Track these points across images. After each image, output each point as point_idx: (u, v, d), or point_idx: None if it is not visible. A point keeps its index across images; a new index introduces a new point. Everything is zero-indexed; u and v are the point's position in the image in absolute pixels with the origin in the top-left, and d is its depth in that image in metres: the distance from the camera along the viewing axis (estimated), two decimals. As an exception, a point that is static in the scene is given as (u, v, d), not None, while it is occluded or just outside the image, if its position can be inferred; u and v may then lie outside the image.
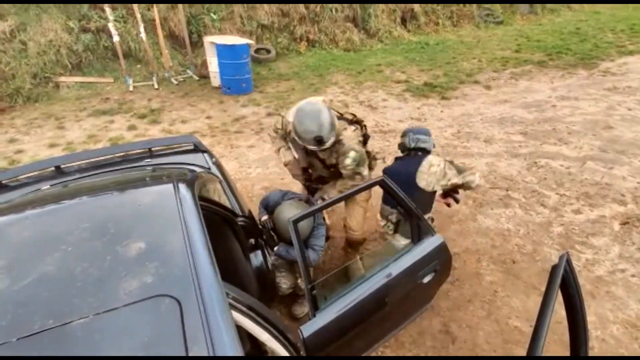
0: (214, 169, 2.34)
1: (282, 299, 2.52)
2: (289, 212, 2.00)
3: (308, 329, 1.40)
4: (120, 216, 1.34)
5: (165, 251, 1.17)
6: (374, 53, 8.52)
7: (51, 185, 2.03)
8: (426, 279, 1.68)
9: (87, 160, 2.28)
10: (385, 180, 1.62)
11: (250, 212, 2.19)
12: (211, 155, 2.52)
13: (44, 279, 1.07)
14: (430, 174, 2.29)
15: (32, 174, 2.17)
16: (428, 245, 1.69)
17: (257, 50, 7.78)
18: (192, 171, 2.27)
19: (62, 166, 2.19)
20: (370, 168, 2.56)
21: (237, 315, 1.14)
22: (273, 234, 2.14)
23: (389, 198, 2.13)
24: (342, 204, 2.67)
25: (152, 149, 2.46)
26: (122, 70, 6.55)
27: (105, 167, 2.23)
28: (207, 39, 6.30)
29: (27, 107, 5.73)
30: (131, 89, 6.32)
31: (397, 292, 1.60)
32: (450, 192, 2.51)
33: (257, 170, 4.10)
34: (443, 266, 1.75)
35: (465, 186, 2.33)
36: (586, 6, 12.57)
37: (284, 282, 2.30)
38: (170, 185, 1.53)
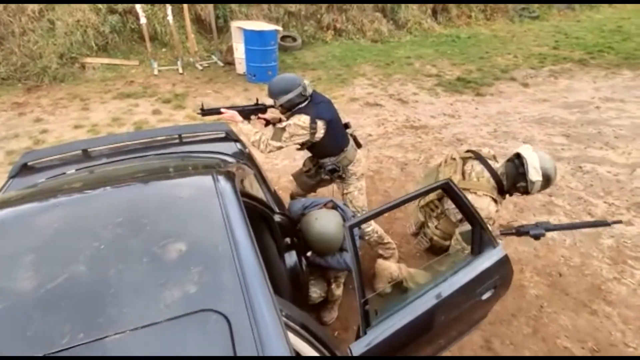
0: (246, 160, 2.19)
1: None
2: (321, 222, 1.85)
3: (358, 347, 1.24)
4: (156, 211, 1.20)
5: (208, 256, 1.02)
6: (403, 45, 8.22)
7: (77, 170, 1.91)
8: (485, 296, 1.50)
9: (114, 145, 2.16)
10: (450, 183, 1.44)
11: (287, 208, 2.04)
12: (243, 145, 2.38)
13: (74, 281, 0.93)
14: None
15: (58, 156, 2.06)
16: (489, 258, 1.50)
17: (283, 38, 7.58)
18: (225, 161, 2.14)
19: (90, 150, 2.07)
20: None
21: (291, 337, 0.99)
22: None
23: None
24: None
25: (182, 135, 2.32)
26: (147, 54, 6.46)
27: (134, 153, 2.10)
28: (235, 24, 6.14)
29: (53, 87, 5.71)
30: (156, 72, 6.23)
31: (454, 310, 1.43)
32: None
33: (283, 162, 3.95)
34: (504, 281, 1.57)
35: None
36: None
37: (313, 291, 2.14)
38: (208, 178, 1.39)
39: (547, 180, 2.04)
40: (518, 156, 2.13)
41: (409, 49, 7.89)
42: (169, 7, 6.18)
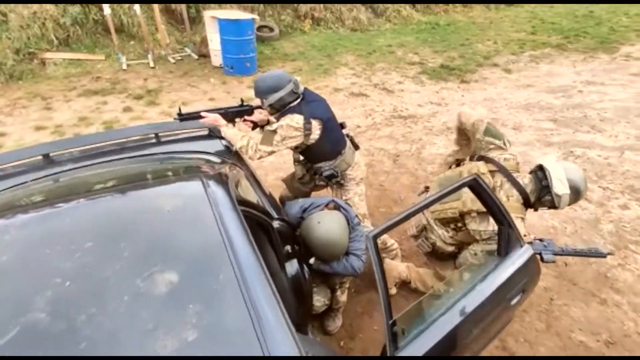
0: (235, 159, 1.96)
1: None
2: (325, 226, 1.66)
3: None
4: (136, 230, 0.97)
5: (208, 287, 0.81)
6: (383, 33, 8.05)
7: (35, 180, 1.64)
8: (514, 300, 1.36)
9: (82, 148, 1.88)
10: (478, 179, 1.27)
11: (285, 212, 1.83)
12: (229, 142, 2.14)
13: (29, 335, 0.70)
14: None
15: (15, 163, 1.77)
16: (517, 259, 1.35)
17: (260, 28, 7.25)
18: (211, 161, 1.90)
19: (53, 154, 1.79)
20: None
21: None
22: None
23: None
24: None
25: (160, 134, 2.06)
26: (114, 47, 6.01)
27: (106, 156, 1.83)
28: (208, 14, 5.79)
29: (10, 86, 5.21)
30: (124, 67, 5.81)
31: (485, 320, 1.28)
32: None
33: (269, 158, 3.70)
34: (531, 283, 1.43)
35: None
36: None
37: (317, 299, 1.95)
38: (197, 183, 1.16)
39: (576, 193, 1.83)
40: (541, 168, 1.93)
41: (390, 37, 7.73)
42: (135, -4, 5.76)
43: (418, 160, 3.71)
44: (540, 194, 1.90)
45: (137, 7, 5.79)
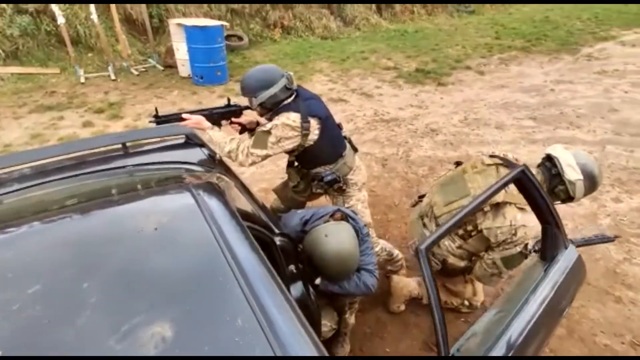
0: (221, 169, 1.69)
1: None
2: (335, 240, 1.43)
3: None
4: (100, 264, 0.69)
5: (211, 342, 0.55)
6: (354, 40, 8.01)
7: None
8: (566, 311, 1.17)
9: (31, 163, 1.55)
10: (526, 171, 1.08)
11: (282, 226, 1.57)
12: (210, 150, 1.86)
13: None
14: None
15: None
16: (566, 263, 1.17)
17: (228, 37, 6.98)
18: (191, 171, 1.62)
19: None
20: None
21: None
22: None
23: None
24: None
25: (127, 144, 1.75)
26: (70, 60, 5.55)
27: (61, 173, 1.50)
28: (173, 21, 5.48)
29: (-51, 104, 4.64)
30: (82, 80, 5.36)
31: (539, 337, 1.07)
32: None
33: (250, 169, 3.43)
34: (579, 287, 1.25)
35: None
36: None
37: (323, 324, 1.69)
38: (185, 195, 0.90)
39: (591, 179, 1.67)
40: (549, 158, 1.78)
41: (361, 44, 7.69)
42: (92, 5, 5.35)
43: (407, 164, 3.55)
44: (551, 184, 1.75)
45: (94, 16, 5.38)
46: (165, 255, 0.72)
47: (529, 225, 1.53)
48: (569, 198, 1.76)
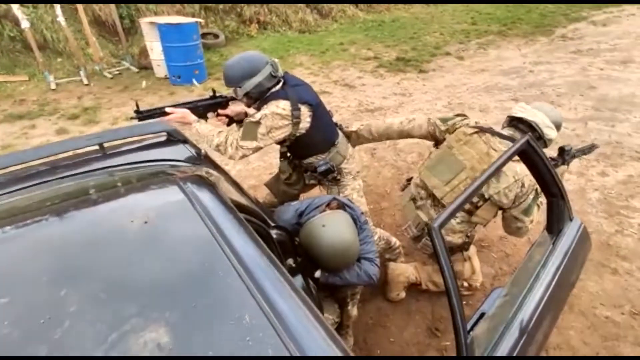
0: (208, 164, 1.60)
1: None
2: (333, 230, 1.37)
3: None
4: (83, 267, 0.61)
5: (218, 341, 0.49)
6: (332, 33, 7.94)
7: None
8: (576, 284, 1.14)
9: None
10: (531, 141, 1.04)
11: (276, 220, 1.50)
12: (195, 146, 1.77)
13: None
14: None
15: None
16: (572, 234, 1.14)
17: (204, 35, 6.80)
18: (176, 167, 1.53)
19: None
20: None
21: None
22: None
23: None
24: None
25: (104, 145, 1.65)
26: (38, 65, 5.30)
27: (34, 179, 1.39)
28: (145, 20, 5.28)
29: None
30: (53, 86, 5.12)
31: (553, 312, 1.04)
32: None
33: (236, 167, 3.34)
34: (586, 257, 1.23)
35: None
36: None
37: (325, 318, 1.63)
38: (172, 189, 0.82)
39: (559, 127, 1.74)
40: (520, 120, 1.77)
41: (339, 36, 7.63)
42: (57, 7, 5.10)
43: (396, 152, 3.52)
44: None
45: (61, 19, 5.13)
46: (155, 256, 0.64)
47: (527, 174, 1.52)
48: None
